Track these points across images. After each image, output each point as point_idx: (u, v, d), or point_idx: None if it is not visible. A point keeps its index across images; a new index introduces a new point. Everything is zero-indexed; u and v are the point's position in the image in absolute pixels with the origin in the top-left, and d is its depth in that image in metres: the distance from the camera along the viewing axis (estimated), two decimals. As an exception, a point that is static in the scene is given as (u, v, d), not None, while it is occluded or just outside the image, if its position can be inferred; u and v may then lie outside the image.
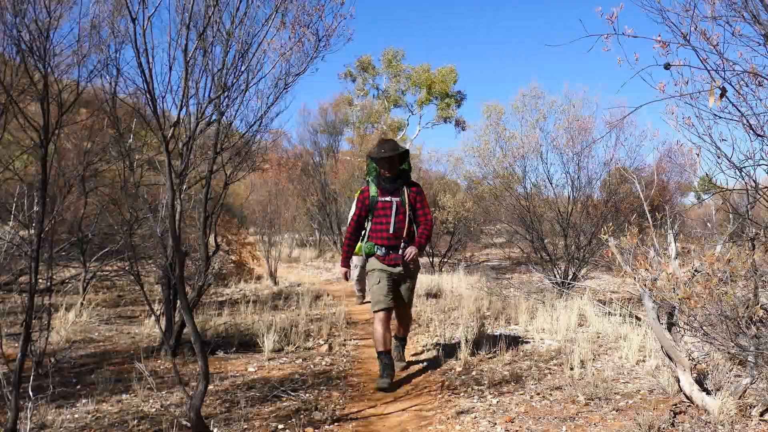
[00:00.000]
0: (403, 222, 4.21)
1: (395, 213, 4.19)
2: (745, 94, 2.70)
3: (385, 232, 4.20)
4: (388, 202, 4.22)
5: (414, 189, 4.30)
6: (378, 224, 4.24)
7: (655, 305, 3.32)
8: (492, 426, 3.14)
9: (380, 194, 4.24)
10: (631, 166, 8.48)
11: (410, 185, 4.30)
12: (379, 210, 4.23)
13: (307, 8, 4.39)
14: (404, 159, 4.31)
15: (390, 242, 4.20)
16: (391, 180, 4.23)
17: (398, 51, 27.04)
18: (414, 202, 4.26)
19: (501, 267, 12.83)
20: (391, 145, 4.25)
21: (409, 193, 4.26)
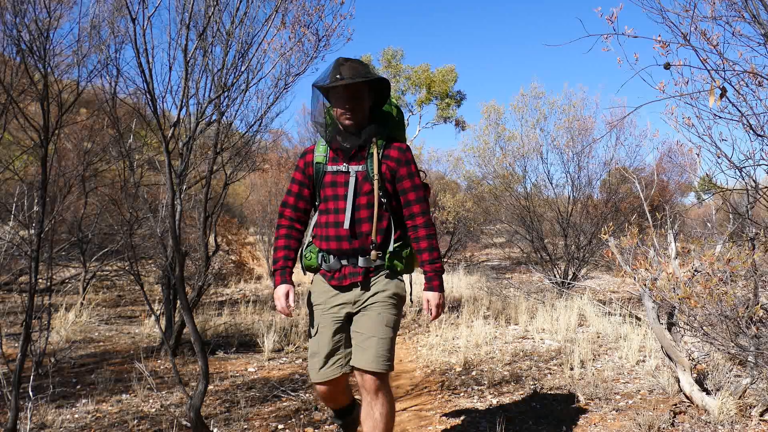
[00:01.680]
0: (369, 210, 2.32)
1: (354, 193, 2.31)
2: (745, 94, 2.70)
3: (333, 228, 2.33)
4: (343, 173, 2.34)
5: (395, 153, 2.36)
6: (325, 213, 2.37)
7: (655, 305, 3.32)
8: (492, 426, 3.15)
9: (330, 159, 2.38)
10: (631, 166, 8.49)
11: (388, 145, 2.37)
12: (327, 188, 2.36)
13: (307, 8, 4.39)
14: (383, 96, 2.43)
15: (343, 246, 2.32)
16: (354, 133, 2.33)
17: (397, 51, 27.03)
18: (395, 176, 2.35)
19: (501, 267, 12.82)
20: (354, 67, 2.30)
21: (384, 159, 2.34)
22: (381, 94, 2.40)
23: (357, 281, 2.29)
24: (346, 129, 2.30)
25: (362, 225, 2.28)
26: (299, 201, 2.43)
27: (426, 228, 2.35)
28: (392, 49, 27.04)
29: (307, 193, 2.43)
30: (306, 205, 2.45)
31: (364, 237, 2.30)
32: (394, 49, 27.06)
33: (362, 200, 2.29)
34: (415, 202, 2.35)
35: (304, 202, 2.44)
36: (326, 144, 2.38)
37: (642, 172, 8.93)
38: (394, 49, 27.09)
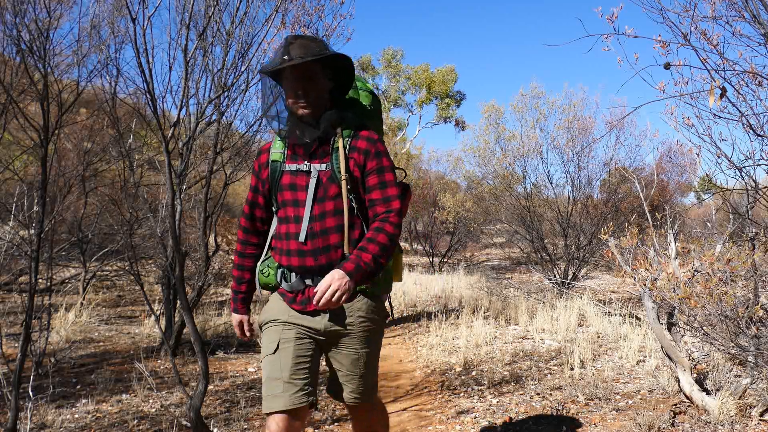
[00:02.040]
0: (338, 218, 1.90)
1: (315, 197, 1.91)
2: (745, 93, 2.71)
3: (294, 241, 1.92)
4: (304, 173, 1.94)
5: (363, 143, 1.92)
6: (284, 222, 1.97)
7: (655, 305, 3.32)
8: (492, 426, 3.15)
9: (288, 157, 1.98)
10: (630, 166, 8.50)
11: (356, 134, 1.94)
12: (285, 191, 1.96)
13: (307, 8, 4.40)
14: (345, 78, 1.99)
15: (306, 262, 1.91)
16: (312, 123, 1.92)
17: (397, 51, 27.05)
18: (363, 171, 1.93)
19: (501, 267, 12.82)
20: (305, 44, 1.93)
21: (351, 152, 1.93)
22: (345, 75, 1.96)
23: (324, 306, 1.73)
24: (302, 120, 1.88)
25: (330, 236, 1.85)
26: (254, 209, 2.05)
27: (384, 228, 1.81)
28: (392, 49, 27.06)
29: (263, 201, 2.03)
30: (263, 214, 2.05)
31: (332, 250, 1.85)
32: (394, 49, 27.07)
33: (328, 205, 1.86)
34: (380, 203, 1.85)
35: (261, 210, 2.05)
36: (283, 140, 1.97)
37: (642, 172, 8.95)
38: (394, 49, 27.10)
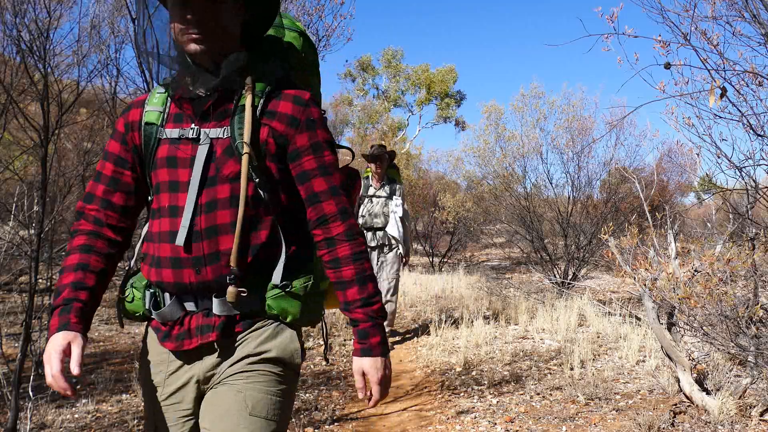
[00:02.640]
0: (234, 211, 1.24)
1: (202, 176, 1.25)
2: (745, 93, 2.71)
3: (169, 245, 1.26)
4: (190, 141, 1.27)
5: (288, 107, 1.28)
6: (157, 216, 1.30)
7: (655, 305, 3.32)
8: (492, 426, 3.15)
9: (171, 118, 1.32)
10: (631, 165, 8.50)
11: (277, 92, 1.30)
12: (160, 169, 1.29)
13: (307, 8, 4.40)
14: (263, 8, 1.34)
15: (183, 277, 1.25)
16: (209, 68, 1.27)
17: (397, 51, 27.02)
18: (286, 149, 1.29)
19: (501, 267, 12.82)
20: None
21: (267, 117, 1.27)
22: (264, 6, 1.32)
23: (210, 341, 1.24)
24: (194, 60, 1.25)
25: (219, 238, 1.22)
26: (113, 192, 1.31)
27: (350, 241, 1.26)
28: (392, 49, 27.03)
29: (130, 178, 1.32)
30: (127, 200, 1.33)
31: (222, 260, 1.22)
32: (394, 49, 27.06)
33: (222, 191, 1.23)
34: (327, 196, 1.26)
35: (124, 194, 1.32)
36: (165, 91, 1.31)
37: (642, 172, 8.95)
38: (394, 49, 27.08)
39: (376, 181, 5.15)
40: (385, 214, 5.04)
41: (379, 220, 5.05)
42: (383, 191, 5.11)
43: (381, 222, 5.05)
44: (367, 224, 5.07)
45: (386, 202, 5.07)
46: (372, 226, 5.06)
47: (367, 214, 5.10)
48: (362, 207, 5.10)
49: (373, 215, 5.08)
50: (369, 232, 5.05)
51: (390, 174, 5.24)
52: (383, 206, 5.06)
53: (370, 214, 5.09)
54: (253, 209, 1.25)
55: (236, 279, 1.21)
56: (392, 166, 5.32)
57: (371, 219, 5.07)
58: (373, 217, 5.07)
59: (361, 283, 1.25)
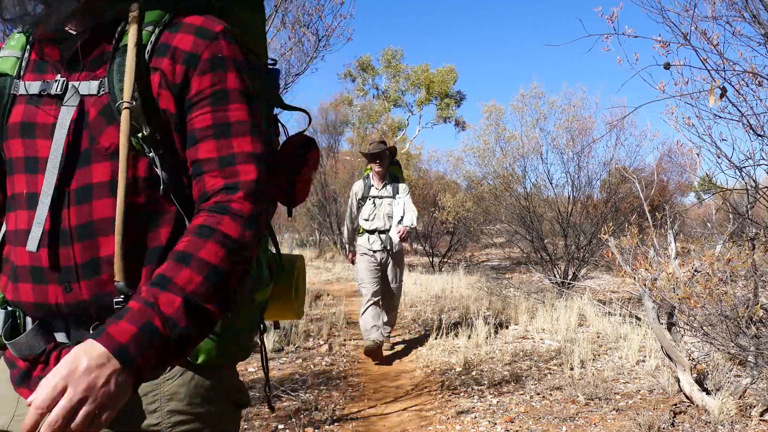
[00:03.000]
0: (114, 204, 0.84)
1: (67, 150, 0.85)
2: (745, 93, 2.71)
3: (25, 248, 0.85)
4: (52, 99, 0.88)
5: (185, 39, 0.87)
6: (12, 208, 0.90)
7: (655, 305, 3.32)
8: (492, 426, 3.15)
9: (31, 66, 0.91)
10: (631, 165, 8.50)
11: (173, 26, 0.89)
12: (13, 140, 0.89)
13: (307, 8, 4.41)
14: None
15: (46, 293, 0.85)
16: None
17: (397, 50, 27.04)
18: (181, 99, 0.87)
19: (501, 267, 12.82)
20: None
21: (158, 54, 0.87)
22: None
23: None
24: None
25: (98, 239, 0.86)
26: None
27: (220, 225, 0.83)
28: (392, 48, 27.05)
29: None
30: None
31: (103, 271, 0.86)
32: (394, 49, 27.07)
33: (99, 172, 0.87)
34: (213, 170, 0.87)
35: None
36: (23, 31, 0.94)
37: (642, 172, 8.95)
38: (394, 48, 27.10)
39: (377, 181, 4.84)
40: (389, 215, 4.78)
41: (382, 223, 4.78)
42: (386, 191, 4.83)
43: (385, 224, 4.80)
44: (371, 228, 4.80)
45: (390, 202, 4.81)
46: (376, 228, 4.79)
47: (371, 217, 4.81)
48: (363, 209, 4.83)
49: (377, 218, 4.80)
50: (373, 235, 4.79)
51: (392, 171, 4.93)
52: (387, 207, 4.80)
53: (373, 217, 4.81)
54: (145, 198, 0.87)
55: (126, 299, 0.82)
56: (394, 163, 4.97)
57: (375, 222, 4.80)
58: (377, 220, 4.79)
59: (176, 263, 0.79)
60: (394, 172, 4.94)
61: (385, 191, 4.83)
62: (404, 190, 4.80)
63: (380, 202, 4.79)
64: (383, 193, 4.82)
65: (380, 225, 4.77)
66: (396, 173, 4.96)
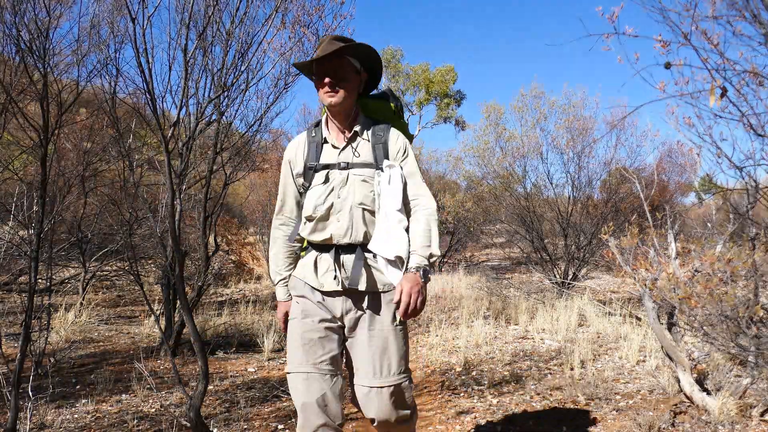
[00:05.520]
0: None
1: None
2: (745, 93, 2.70)
3: None
4: None
5: None
6: None
7: (655, 305, 3.32)
8: (492, 426, 3.14)
9: None
10: (631, 165, 8.49)
11: None
12: None
13: (307, 8, 4.39)
14: None
15: None
16: None
17: (397, 50, 27.07)
18: None
19: (501, 267, 12.82)
20: None
21: None
22: None
23: None
24: None
25: None
26: None
27: None
28: (392, 48, 27.07)
29: None
30: None
31: None
32: (393, 49, 27.08)
33: None
34: None
35: None
36: None
37: (642, 172, 8.94)
38: (393, 48, 27.12)
39: (336, 131, 2.11)
40: (365, 208, 2.02)
41: (345, 225, 2.01)
42: (359, 152, 2.07)
43: (354, 231, 2.01)
44: (321, 238, 2.04)
45: (369, 177, 2.04)
46: (331, 240, 2.03)
47: (321, 211, 2.03)
48: (308, 196, 2.07)
49: (334, 213, 2.03)
50: (325, 254, 2.04)
51: (375, 108, 2.20)
52: (362, 189, 2.03)
53: (327, 211, 2.03)
54: None
55: None
56: (382, 96, 2.25)
57: (331, 223, 2.04)
58: (337, 220, 2.03)
59: None
60: (378, 110, 2.21)
61: (357, 153, 2.07)
62: (401, 151, 2.09)
63: (342, 177, 2.05)
64: (352, 159, 2.07)
65: (341, 232, 2.02)
66: (384, 115, 2.20)
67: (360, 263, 1.96)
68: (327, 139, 2.08)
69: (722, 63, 2.59)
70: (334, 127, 2.09)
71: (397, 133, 2.10)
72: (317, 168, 2.05)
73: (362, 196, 2.01)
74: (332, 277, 1.99)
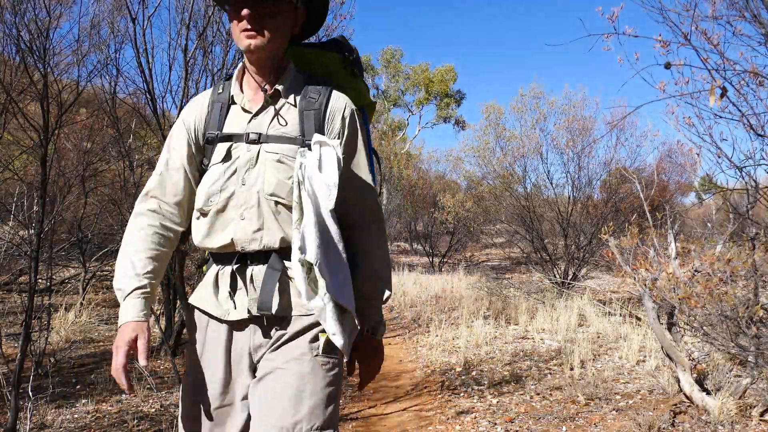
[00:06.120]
0: None
1: None
2: (745, 93, 2.70)
3: None
4: None
5: None
6: None
7: (655, 305, 3.32)
8: (492, 426, 3.14)
9: None
10: (631, 166, 8.50)
11: None
12: None
13: (307, 8, 4.40)
14: None
15: None
16: None
17: (397, 50, 27.08)
18: None
19: (501, 267, 12.82)
20: None
21: None
22: None
23: None
24: None
25: None
26: None
27: None
28: (392, 48, 27.09)
29: None
30: None
31: None
32: (393, 49, 27.10)
33: None
34: None
35: None
36: None
37: (642, 172, 8.95)
38: (393, 48, 27.13)
39: (252, 87, 1.40)
40: (276, 200, 1.32)
41: (250, 222, 1.32)
42: (279, 118, 1.36)
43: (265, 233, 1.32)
44: (220, 243, 1.34)
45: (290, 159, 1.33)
46: (232, 246, 1.34)
47: (219, 203, 1.34)
48: (203, 180, 1.38)
49: (235, 206, 1.34)
50: (224, 267, 1.36)
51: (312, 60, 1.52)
52: (274, 171, 1.32)
53: (225, 203, 1.34)
54: None
55: None
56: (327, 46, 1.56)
57: (229, 223, 1.34)
58: (244, 218, 1.33)
59: None
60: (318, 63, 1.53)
61: (277, 122, 1.37)
62: (343, 124, 1.38)
63: (250, 155, 1.34)
64: (267, 129, 1.36)
65: (245, 234, 1.32)
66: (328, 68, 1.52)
67: (274, 277, 1.29)
68: (235, 99, 1.40)
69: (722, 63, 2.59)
70: (250, 82, 1.40)
71: (341, 98, 1.39)
72: (217, 139, 1.38)
73: (275, 183, 1.31)
74: (238, 298, 1.33)
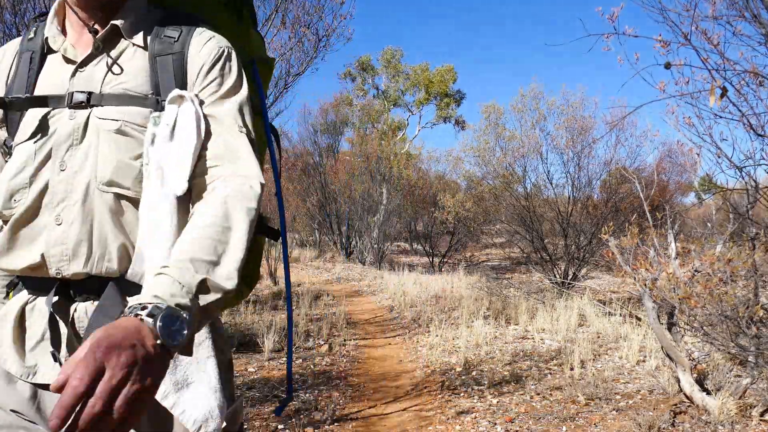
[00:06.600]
0: None
1: None
2: (745, 93, 2.70)
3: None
4: None
5: None
6: None
7: (655, 305, 3.32)
8: (492, 426, 3.14)
9: None
10: (631, 166, 8.51)
11: None
12: None
13: (307, 8, 4.40)
14: None
15: None
16: None
17: (397, 50, 27.05)
18: None
19: (501, 267, 12.83)
20: None
21: None
22: None
23: None
24: None
25: None
26: None
27: None
28: (392, 48, 27.07)
29: None
30: None
31: None
32: (393, 49, 27.09)
33: None
34: None
35: None
36: None
37: (642, 172, 8.96)
38: (393, 48, 27.12)
39: (78, 27, 0.97)
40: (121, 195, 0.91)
41: (72, 230, 0.89)
42: (125, 71, 0.94)
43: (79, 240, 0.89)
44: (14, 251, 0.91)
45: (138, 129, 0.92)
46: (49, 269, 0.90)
47: (19, 196, 0.92)
48: (10, 165, 0.94)
49: (50, 205, 0.90)
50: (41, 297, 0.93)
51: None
52: (117, 151, 0.91)
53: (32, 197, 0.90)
54: None
55: None
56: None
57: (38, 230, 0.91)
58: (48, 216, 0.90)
59: None
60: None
61: (114, 73, 0.95)
62: (212, 70, 0.96)
63: (74, 126, 0.92)
64: (101, 86, 0.94)
65: (64, 249, 0.90)
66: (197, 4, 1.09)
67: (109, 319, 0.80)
68: (52, 45, 0.98)
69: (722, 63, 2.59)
70: (73, 19, 0.98)
71: (212, 36, 1.00)
72: (25, 104, 0.95)
73: (113, 166, 0.91)
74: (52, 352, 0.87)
